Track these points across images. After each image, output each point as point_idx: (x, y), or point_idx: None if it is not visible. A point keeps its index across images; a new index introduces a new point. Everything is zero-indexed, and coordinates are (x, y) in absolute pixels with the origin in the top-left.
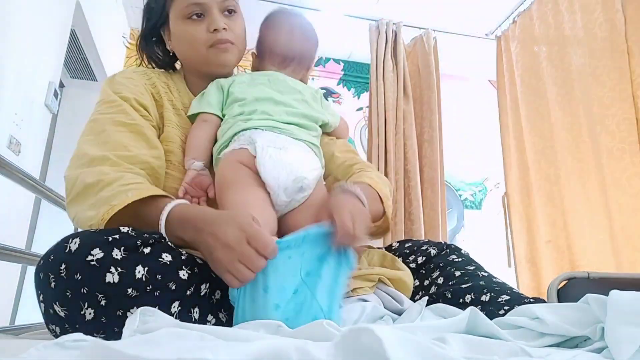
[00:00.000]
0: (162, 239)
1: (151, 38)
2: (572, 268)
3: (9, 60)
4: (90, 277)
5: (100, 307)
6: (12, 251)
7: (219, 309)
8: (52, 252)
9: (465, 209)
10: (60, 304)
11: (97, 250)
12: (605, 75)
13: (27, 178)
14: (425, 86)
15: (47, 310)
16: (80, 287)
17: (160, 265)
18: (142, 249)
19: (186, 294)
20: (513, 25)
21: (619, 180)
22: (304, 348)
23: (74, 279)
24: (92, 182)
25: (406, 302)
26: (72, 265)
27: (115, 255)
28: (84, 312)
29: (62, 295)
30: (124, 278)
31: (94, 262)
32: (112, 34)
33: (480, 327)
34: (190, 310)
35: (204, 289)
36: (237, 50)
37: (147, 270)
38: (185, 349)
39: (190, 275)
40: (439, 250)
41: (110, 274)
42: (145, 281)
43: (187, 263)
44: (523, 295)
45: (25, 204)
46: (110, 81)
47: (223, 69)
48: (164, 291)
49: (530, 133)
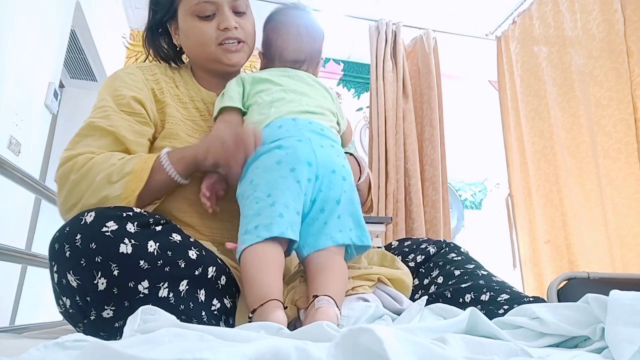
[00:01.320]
0: (171, 222)
1: (157, 30)
2: (571, 268)
3: (9, 61)
4: (104, 246)
5: (112, 277)
6: (12, 251)
7: (224, 295)
8: (67, 225)
9: (465, 209)
10: (74, 272)
11: (112, 222)
12: (603, 76)
13: (27, 178)
14: (425, 85)
15: (60, 281)
16: (95, 256)
17: (170, 242)
18: (154, 227)
19: (194, 274)
20: (513, 25)
21: (614, 181)
22: (303, 348)
23: (88, 247)
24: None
25: (405, 301)
26: (88, 235)
27: (129, 228)
28: (96, 281)
29: (77, 263)
30: (137, 250)
31: (108, 232)
32: (112, 35)
33: (480, 327)
34: (197, 291)
35: (210, 271)
36: (248, 49)
37: (159, 245)
38: (185, 349)
39: (198, 256)
40: (438, 248)
41: (124, 245)
42: (157, 255)
43: (196, 245)
44: (522, 294)
45: (25, 205)
46: (112, 79)
47: (232, 67)
48: (173, 267)
49: (530, 133)
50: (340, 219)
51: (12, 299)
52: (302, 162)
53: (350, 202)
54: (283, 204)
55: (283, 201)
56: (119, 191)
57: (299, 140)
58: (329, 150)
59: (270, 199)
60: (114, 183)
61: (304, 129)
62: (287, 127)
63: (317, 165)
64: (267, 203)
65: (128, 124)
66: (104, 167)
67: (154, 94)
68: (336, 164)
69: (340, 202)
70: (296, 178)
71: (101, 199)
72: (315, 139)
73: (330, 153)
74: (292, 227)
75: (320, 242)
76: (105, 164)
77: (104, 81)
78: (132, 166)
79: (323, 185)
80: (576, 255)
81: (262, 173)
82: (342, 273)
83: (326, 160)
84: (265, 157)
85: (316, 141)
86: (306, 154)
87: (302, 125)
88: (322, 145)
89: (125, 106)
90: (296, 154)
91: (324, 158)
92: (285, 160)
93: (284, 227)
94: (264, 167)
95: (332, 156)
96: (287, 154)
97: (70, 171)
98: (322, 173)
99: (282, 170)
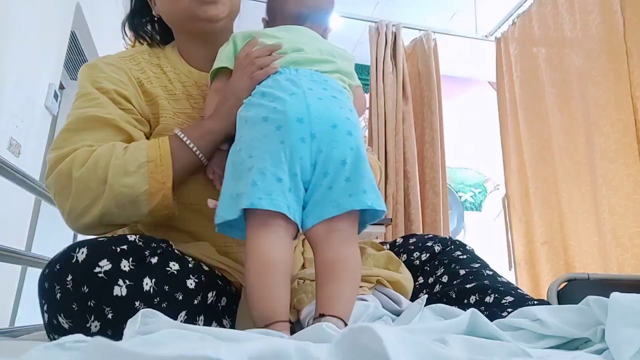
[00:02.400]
0: (169, 247)
1: (140, 13)
2: (568, 269)
3: (9, 62)
4: (97, 290)
5: (107, 320)
6: (12, 253)
7: (224, 316)
8: (57, 261)
9: (465, 210)
10: (65, 316)
11: (105, 261)
12: (601, 77)
13: (27, 179)
14: (425, 87)
15: (51, 321)
16: (87, 300)
17: (167, 275)
18: (150, 259)
19: (193, 303)
20: (512, 26)
21: (611, 181)
22: (304, 348)
23: (80, 291)
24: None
25: (404, 303)
26: (79, 277)
27: (123, 266)
28: (89, 324)
29: (68, 307)
30: (132, 291)
31: (101, 274)
32: (112, 36)
33: (480, 328)
34: (195, 319)
35: (210, 296)
36: (228, 4)
37: (155, 281)
38: (186, 347)
39: (197, 283)
40: (444, 246)
41: (118, 287)
42: (153, 293)
43: (194, 271)
44: (528, 296)
45: (25, 206)
46: (90, 69)
47: (211, 23)
48: (171, 302)
49: (528, 134)
50: (350, 182)
51: (12, 300)
52: (291, 118)
53: (358, 160)
54: (259, 169)
55: (260, 166)
56: (144, 185)
57: (290, 93)
58: (329, 103)
59: (250, 161)
60: (132, 174)
61: (304, 79)
62: (285, 77)
63: (311, 121)
64: (246, 166)
65: (124, 115)
66: (115, 157)
67: (141, 84)
68: (338, 116)
69: (346, 162)
70: (280, 138)
71: (126, 197)
72: (313, 91)
73: (331, 105)
74: (269, 195)
75: (325, 211)
76: (114, 154)
77: (81, 71)
78: (146, 154)
79: (323, 144)
80: (573, 257)
81: (249, 129)
82: (353, 276)
83: (324, 113)
84: (255, 110)
85: (313, 93)
86: (295, 109)
87: (302, 75)
88: (321, 97)
89: (111, 99)
90: (284, 108)
91: (320, 111)
92: (272, 117)
93: (255, 197)
94: (252, 121)
95: (333, 108)
96: (274, 109)
97: (70, 169)
98: (319, 129)
99: (266, 129)
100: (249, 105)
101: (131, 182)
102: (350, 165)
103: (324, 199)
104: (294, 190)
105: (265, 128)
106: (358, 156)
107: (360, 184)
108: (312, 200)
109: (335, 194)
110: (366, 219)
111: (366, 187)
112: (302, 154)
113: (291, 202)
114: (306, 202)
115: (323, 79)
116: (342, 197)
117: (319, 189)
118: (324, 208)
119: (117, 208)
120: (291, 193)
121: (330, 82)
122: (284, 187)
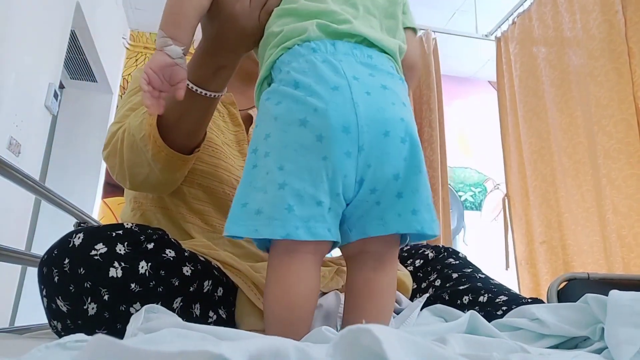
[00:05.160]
0: (165, 235)
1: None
2: (566, 269)
3: (9, 61)
4: (93, 271)
5: (103, 302)
6: (12, 252)
7: (220, 306)
8: (55, 247)
9: (465, 210)
10: (63, 298)
11: (101, 245)
12: (603, 76)
13: (27, 179)
14: (424, 86)
15: (50, 305)
16: (84, 282)
17: (163, 260)
18: (146, 245)
19: (189, 290)
20: (512, 26)
21: (614, 181)
22: (303, 348)
23: (77, 273)
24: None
25: (404, 301)
26: (76, 260)
27: (118, 250)
28: (86, 307)
29: (65, 289)
30: (128, 273)
31: (97, 256)
32: (112, 35)
33: (480, 330)
34: (191, 307)
35: (206, 285)
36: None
37: (151, 265)
38: (187, 345)
39: (193, 271)
40: (437, 253)
41: (114, 269)
42: (149, 276)
43: (190, 260)
44: (520, 295)
45: (25, 205)
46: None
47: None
48: (167, 287)
49: (528, 133)
50: (402, 198)
51: (12, 299)
52: (335, 128)
53: (415, 172)
54: (295, 190)
55: (297, 187)
56: (143, 131)
57: (333, 87)
58: (380, 98)
59: (281, 175)
60: (140, 124)
61: (345, 61)
62: (322, 57)
63: (359, 129)
64: (275, 180)
65: None
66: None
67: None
68: (391, 120)
69: (399, 176)
70: (322, 153)
71: (132, 142)
72: (359, 81)
73: (382, 102)
74: (306, 223)
75: (371, 228)
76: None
77: (134, 74)
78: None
79: (371, 158)
80: (571, 256)
81: (279, 131)
82: (382, 306)
83: (375, 116)
84: (288, 105)
85: (360, 85)
86: (342, 114)
87: (342, 54)
88: (370, 90)
89: None
90: (326, 111)
91: (370, 114)
92: (312, 122)
93: (291, 225)
94: (285, 121)
95: (385, 107)
96: (315, 111)
97: (121, 137)
98: (368, 140)
99: (304, 137)
100: (277, 95)
101: (136, 129)
102: (404, 178)
103: (369, 214)
104: (334, 208)
105: (303, 136)
106: (412, 167)
107: (411, 201)
108: (355, 215)
109: (383, 210)
110: (411, 237)
111: (418, 206)
112: (346, 171)
113: (331, 223)
114: (348, 216)
115: (367, 56)
116: (390, 215)
117: (364, 205)
118: (369, 224)
119: (131, 153)
120: (331, 212)
121: (377, 59)
122: (324, 210)
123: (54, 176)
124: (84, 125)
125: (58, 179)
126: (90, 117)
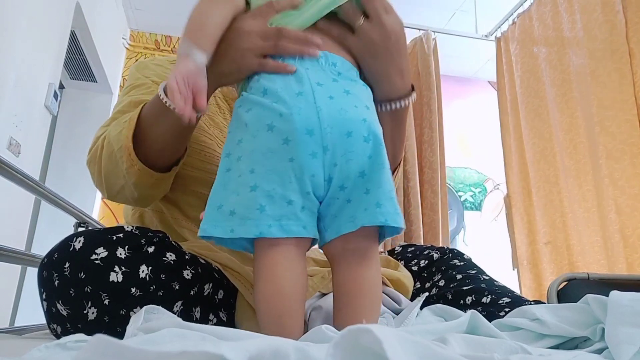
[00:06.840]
0: (165, 238)
1: None
2: (571, 269)
3: (9, 62)
4: (94, 276)
5: (103, 307)
6: (11, 252)
7: (220, 308)
8: (56, 251)
9: (465, 210)
10: (63, 302)
11: (101, 249)
12: (605, 76)
13: (27, 179)
14: (425, 87)
15: (50, 309)
16: (84, 286)
17: (164, 264)
18: (146, 248)
19: (189, 294)
20: (512, 26)
21: (617, 181)
22: (303, 348)
23: (77, 277)
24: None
25: (404, 301)
26: (76, 264)
27: (119, 254)
28: (86, 311)
29: (65, 293)
30: (128, 277)
31: (98, 261)
32: (112, 36)
33: (480, 330)
34: (192, 310)
35: (207, 289)
36: None
37: (151, 269)
38: (187, 345)
39: (193, 274)
40: (442, 254)
41: (114, 273)
42: (149, 281)
43: (191, 263)
44: (524, 298)
45: (24, 206)
46: (141, 66)
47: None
48: (167, 291)
49: (530, 134)
50: (369, 194)
51: (12, 300)
52: (300, 130)
53: (379, 169)
54: (266, 191)
55: (267, 188)
56: (120, 142)
57: (297, 93)
58: (342, 102)
59: (252, 178)
60: (119, 134)
61: (311, 68)
62: (290, 64)
63: (322, 131)
64: (247, 182)
65: None
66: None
67: None
68: (353, 120)
69: (365, 173)
70: (289, 155)
71: (111, 153)
72: (322, 87)
73: (344, 105)
74: (278, 221)
75: (343, 226)
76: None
77: (131, 70)
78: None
79: (337, 157)
80: (576, 257)
81: (250, 136)
82: (370, 301)
83: (337, 119)
84: (257, 112)
85: (323, 90)
86: (305, 118)
87: (309, 61)
88: (332, 95)
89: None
90: (290, 116)
91: (332, 117)
92: (278, 126)
93: (264, 224)
94: (254, 127)
95: (347, 109)
96: (281, 117)
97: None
98: (331, 140)
99: (272, 141)
100: (247, 102)
101: (115, 138)
102: (370, 175)
103: (342, 212)
104: (307, 206)
105: (270, 140)
106: (376, 164)
107: (375, 195)
108: (329, 214)
109: (353, 208)
110: (384, 234)
111: (381, 200)
112: (313, 170)
113: (306, 221)
114: (323, 214)
115: (332, 63)
116: (359, 211)
117: (336, 202)
118: (341, 223)
119: (109, 163)
120: (305, 210)
121: (341, 67)
122: (296, 209)
123: (54, 176)
124: (83, 125)
125: (58, 179)
126: (90, 117)
